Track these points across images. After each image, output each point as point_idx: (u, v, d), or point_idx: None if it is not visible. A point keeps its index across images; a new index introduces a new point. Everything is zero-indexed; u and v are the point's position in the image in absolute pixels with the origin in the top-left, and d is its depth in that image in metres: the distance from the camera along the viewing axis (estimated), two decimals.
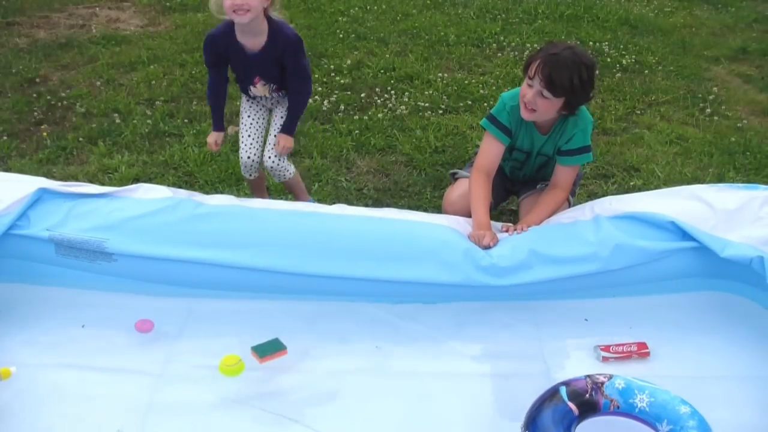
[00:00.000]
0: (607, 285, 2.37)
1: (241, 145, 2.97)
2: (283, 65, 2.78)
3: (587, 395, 1.78)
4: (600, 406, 1.78)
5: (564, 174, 2.65)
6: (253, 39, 2.71)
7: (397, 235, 2.38)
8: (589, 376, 1.82)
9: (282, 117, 2.92)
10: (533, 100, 2.46)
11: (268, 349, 2.10)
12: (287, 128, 2.88)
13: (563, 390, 1.78)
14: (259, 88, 2.89)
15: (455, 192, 2.82)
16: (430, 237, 2.38)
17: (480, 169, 2.64)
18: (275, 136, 2.90)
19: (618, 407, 1.78)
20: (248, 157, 2.95)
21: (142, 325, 2.26)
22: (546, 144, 2.69)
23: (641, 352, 2.16)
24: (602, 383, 1.80)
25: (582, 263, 2.29)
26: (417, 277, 2.30)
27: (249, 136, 2.97)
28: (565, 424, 1.72)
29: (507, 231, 2.49)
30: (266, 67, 2.79)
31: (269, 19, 2.70)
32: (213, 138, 2.93)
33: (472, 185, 2.61)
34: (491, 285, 2.29)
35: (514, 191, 3.00)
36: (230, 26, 2.70)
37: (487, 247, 2.35)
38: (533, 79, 2.43)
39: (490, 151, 2.66)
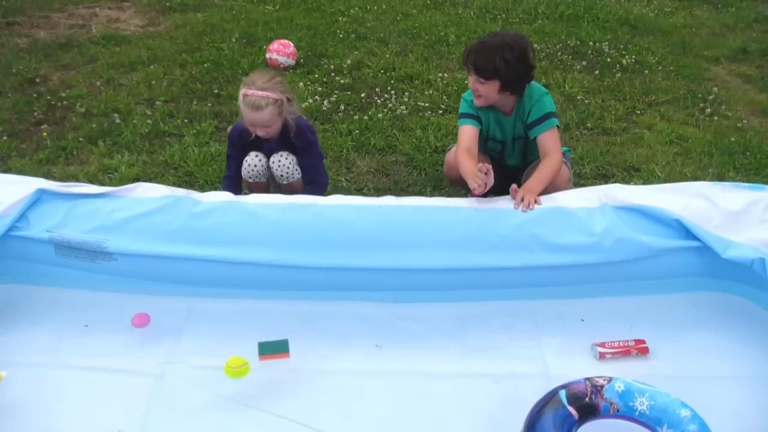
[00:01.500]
0: (608, 279, 2.37)
1: (247, 156, 2.95)
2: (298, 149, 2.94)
3: (587, 399, 1.77)
4: (600, 410, 1.77)
5: (545, 141, 2.74)
6: (271, 136, 2.87)
7: (396, 223, 2.38)
8: (588, 379, 1.81)
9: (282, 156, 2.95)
10: (475, 87, 2.71)
11: (271, 349, 2.11)
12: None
13: (563, 394, 1.77)
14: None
15: (454, 148, 2.91)
16: (429, 222, 2.37)
17: (462, 148, 2.75)
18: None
19: (618, 410, 1.77)
20: (256, 155, 2.92)
21: (138, 320, 2.27)
22: (516, 125, 2.85)
23: (640, 347, 2.16)
24: (602, 386, 1.79)
25: (583, 252, 2.30)
26: (417, 263, 2.31)
27: (255, 153, 2.97)
28: (565, 429, 1.71)
29: (514, 194, 2.48)
30: (284, 147, 2.93)
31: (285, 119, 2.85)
32: None
33: (460, 159, 2.70)
34: (491, 267, 2.30)
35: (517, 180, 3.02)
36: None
37: (483, 184, 2.42)
38: (469, 70, 2.70)
39: (466, 133, 2.81)
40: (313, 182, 2.98)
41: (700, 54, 5.45)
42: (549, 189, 2.73)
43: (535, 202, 2.44)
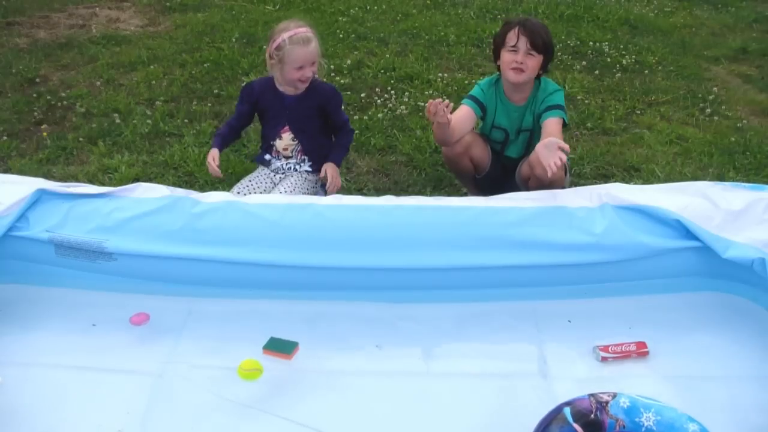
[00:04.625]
0: (607, 279, 2.37)
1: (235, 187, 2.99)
2: (326, 116, 2.98)
3: (592, 415, 1.74)
4: (605, 426, 1.74)
5: (552, 125, 2.82)
6: (294, 90, 2.93)
7: (396, 223, 2.37)
8: (592, 394, 1.79)
9: (286, 188, 2.92)
10: (523, 60, 2.79)
11: (277, 346, 2.12)
12: (335, 158, 2.96)
13: (567, 411, 1.75)
14: (284, 140, 2.99)
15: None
16: (429, 222, 2.37)
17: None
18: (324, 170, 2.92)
19: (624, 427, 1.74)
20: (238, 192, 2.94)
21: (137, 318, 2.27)
22: (525, 116, 2.95)
23: (640, 351, 2.16)
24: (606, 402, 1.76)
25: (583, 252, 2.30)
26: (417, 263, 2.30)
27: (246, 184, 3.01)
28: None
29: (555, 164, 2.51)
30: (298, 115, 2.94)
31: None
32: (212, 156, 2.90)
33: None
34: (491, 266, 2.30)
35: (513, 172, 3.08)
36: (270, 79, 2.96)
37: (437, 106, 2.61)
38: (517, 43, 2.79)
39: (461, 112, 2.95)
40: (345, 136, 3.06)
41: (700, 54, 5.45)
42: (540, 173, 2.74)
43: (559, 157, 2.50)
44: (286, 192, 2.89)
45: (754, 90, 4.77)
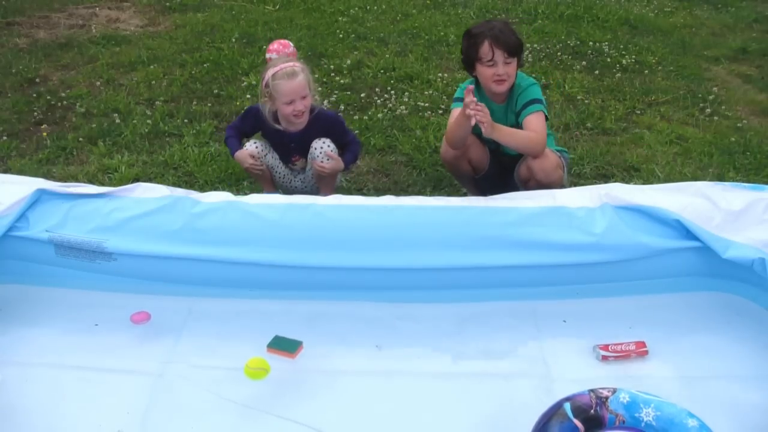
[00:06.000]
0: (607, 279, 2.37)
1: (246, 143, 3.04)
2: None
3: (592, 411, 1.74)
4: (605, 422, 1.74)
5: (533, 122, 2.81)
6: (295, 126, 2.95)
7: (396, 223, 2.37)
8: (592, 390, 1.79)
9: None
10: (503, 71, 2.78)
11: (281, 345, 2.14)
12: (345, 159, 2.99)
13: (567, 406, 1.75)
14: (298, 165, 3.12)
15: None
16: (429, 222, 2.37)
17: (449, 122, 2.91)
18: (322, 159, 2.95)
19: (624, 422, 1.74)
20: (253, 142, 3.01)
21: (137, 317, 2.27)
22: (507, 114, 2.93)
23: (640, 350, 2.16)
24: (606, 398, 1.76)
25: (583, 252, 2.30)
26: (417, 263, 2.31)
27: (253, 140, 3.05)
28: None
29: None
30: (305, 146, 2.98)
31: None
32: (245, 154, 2.97)
33: (448, 125, 2.89)
34: (491, 266, 2.30)
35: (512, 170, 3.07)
36: (263, 114, 2.96)
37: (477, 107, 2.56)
38: (493, 56, 2.76)
39: (456, 113, 2.87)
40: (353, 150, 3.08)
41: (700, 54, 5.45)
42: (541, 178, 2.78)
43: (482, 123, 2.57)
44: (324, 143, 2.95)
45: (754, 90, 4.76)
